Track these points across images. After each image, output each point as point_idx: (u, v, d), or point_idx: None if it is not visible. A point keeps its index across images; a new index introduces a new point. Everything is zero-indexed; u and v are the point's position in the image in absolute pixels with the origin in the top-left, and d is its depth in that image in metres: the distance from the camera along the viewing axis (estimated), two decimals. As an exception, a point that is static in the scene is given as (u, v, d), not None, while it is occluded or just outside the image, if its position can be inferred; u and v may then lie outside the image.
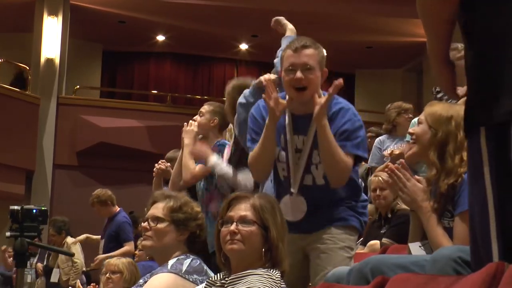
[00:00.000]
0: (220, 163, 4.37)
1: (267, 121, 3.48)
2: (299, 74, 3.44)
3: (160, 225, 3.31)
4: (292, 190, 3.55)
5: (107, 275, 5.22)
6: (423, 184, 3.02)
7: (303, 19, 14.88)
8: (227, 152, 4.54)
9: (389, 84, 16.59)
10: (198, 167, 4.64)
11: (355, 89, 17.36)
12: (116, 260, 5.32)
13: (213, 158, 4.39)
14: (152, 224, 3.32)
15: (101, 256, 8.00)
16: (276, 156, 3.58)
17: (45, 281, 9.31)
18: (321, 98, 3.42)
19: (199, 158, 4.54)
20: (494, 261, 1.83)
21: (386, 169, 3.11)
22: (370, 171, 6.93)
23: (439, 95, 5.85)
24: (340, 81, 3.42)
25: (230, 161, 4.41)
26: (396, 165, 3.06)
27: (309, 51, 3.49)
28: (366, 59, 16.54)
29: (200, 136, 4.82)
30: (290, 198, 3.55)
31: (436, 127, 3.03)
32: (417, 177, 3.06)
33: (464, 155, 2.91)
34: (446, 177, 2.93)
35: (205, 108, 4.90)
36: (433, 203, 2.97)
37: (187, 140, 4.75)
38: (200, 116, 4.87)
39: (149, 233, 3.33)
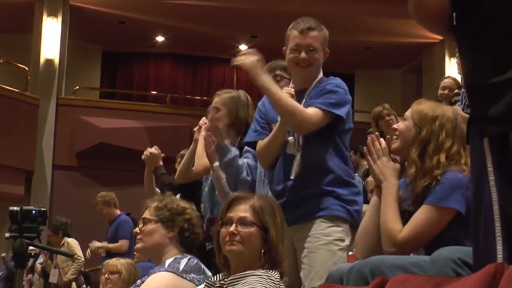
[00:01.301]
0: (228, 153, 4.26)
1: (280, 122, 3.63)
2: (303, 54, 3.66)
3: (148, 226, 3.36)
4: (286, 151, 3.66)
5: (106, 275, 5.23)
6: (398, 166, 3.05)
7: (302, 20, 14.87)
8: None
9: (388, 84, 16.59)
10: None
11: (354, 89, 17.37)
12: (115, 261, 5.33)
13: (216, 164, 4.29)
14: (141, 226, 3.39)
15: (97, 244, 8.12)
16: None
17: (43, 282, 9.33)
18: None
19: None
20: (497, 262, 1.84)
21: (369, 139, 3.13)
22: (369, 172, 6.93)
23: (455, 98, 5.89)
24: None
25: None
26: (381, 138, 3.10)
27: (313, 33, 3.69)
28: (366, 60, 16.54)
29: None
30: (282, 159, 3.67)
31: (421, 125, 3.01)
32: (393, 156, 3.08)
33: (442, 157, 2.92)
34: (423, 178, 2.92)
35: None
36: (410, 204, 2.96)
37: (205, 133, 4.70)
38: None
39: (139, 236, 3.40)
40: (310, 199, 3.57)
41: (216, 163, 4.22)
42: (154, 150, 5.85)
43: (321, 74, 3.77)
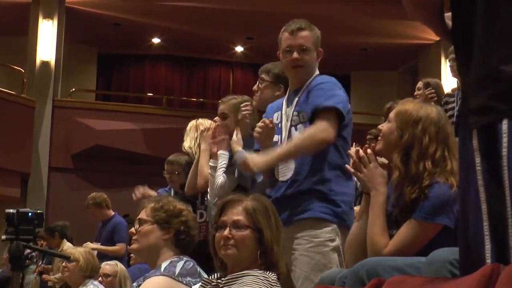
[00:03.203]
0: (224, 160, 4.31)
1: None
2: (295, 54, 3.71)
3: (144, 227, 3.34)
4: None
5: (63, 263, 5.22)
6: (384, 171, 3.00)
7: (298, 21, 14.87)
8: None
9: (384, 86, 16.60)
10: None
11: (350, 91, 17.37)
12: (72, 249, 5.34)
13: (223, 152, 4.34)
14: (137, 226, 3.36)
15: (91, 245, 7.95)
16: None
17: (39, 281, 9.31)
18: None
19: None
20: (487, 263, 1.84)
21: (352, 150, 3.09)
22: None
23: (447, 104, 5.91)
24: None
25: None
26: (365, 146, 3.06)
27: (304, 33, 3.75)
28: (362, 61, 16.55)
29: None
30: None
31: (403, 129, 2.94)
32: (380, 159, 3.03)
33: (428, 163, 2.86)
34: (410, 185, 2.86)
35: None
36: (398, 212, 2.91)
37: (203, 145, 4.68)
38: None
39: (135, 237, 3.38)
40: (300, 200, 3.58)
41: (220, 151, 4.26)
42: (139, 194, 5.85)
43: (317, 72, 3.80)
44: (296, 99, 3.74)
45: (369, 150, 3.04)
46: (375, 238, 2.89)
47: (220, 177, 4.21)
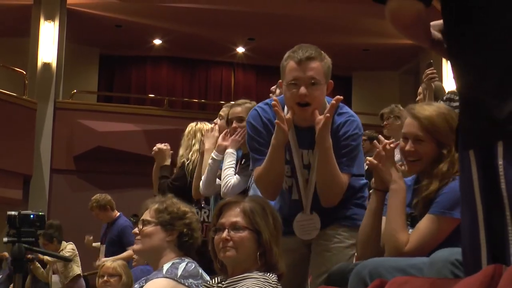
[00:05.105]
0: (232, 159, 4.28)
1: (274, 140, 3.26)
2: (303, 90, 3.19)
3: (148, 227, 3.33)
4: (304, 209, 3.41)
5: (105, 278, 5.21)
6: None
7: (299, 22, 14.89)
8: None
9: (386, 86, 16.60)
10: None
11: (352, 91, 17.37)
12: (114, 263, 5.33)
13: (232, 151, 4.30)
14: (140, 227, 3.36)
15: (106, 259, 7.92)
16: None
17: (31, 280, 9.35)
18: (321, 118, 3.18)
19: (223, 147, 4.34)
20: (482, 267, 1.86)
21: (380, 146, 3.05)
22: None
23: (450, 102, 5.92)
24: (338, 98, 3.26)
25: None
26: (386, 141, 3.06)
27: (314, 63, 3.21)
28: (363, 62, 16.55)
29: None
30: (302, 216, 3.41)
31: (445, 143, 2.93)
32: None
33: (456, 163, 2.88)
34: (435, 182, 2.90)
35: (224, 111, 4.82)
36: (420, 207, 2.92)
37: (207, 145, 4.67)
38: (220, 119, 4.79)
39: (138, 237, 3.37)
40: (335, 207, 3.44)
41: (230, 149, 4.21)
42: (163, 146, 5.81)
43: (327, 105, 3.30)
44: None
45: (392, 145, 3.04)
46: (396, 235, 2.88)
47: (233, 177, 4.14)
